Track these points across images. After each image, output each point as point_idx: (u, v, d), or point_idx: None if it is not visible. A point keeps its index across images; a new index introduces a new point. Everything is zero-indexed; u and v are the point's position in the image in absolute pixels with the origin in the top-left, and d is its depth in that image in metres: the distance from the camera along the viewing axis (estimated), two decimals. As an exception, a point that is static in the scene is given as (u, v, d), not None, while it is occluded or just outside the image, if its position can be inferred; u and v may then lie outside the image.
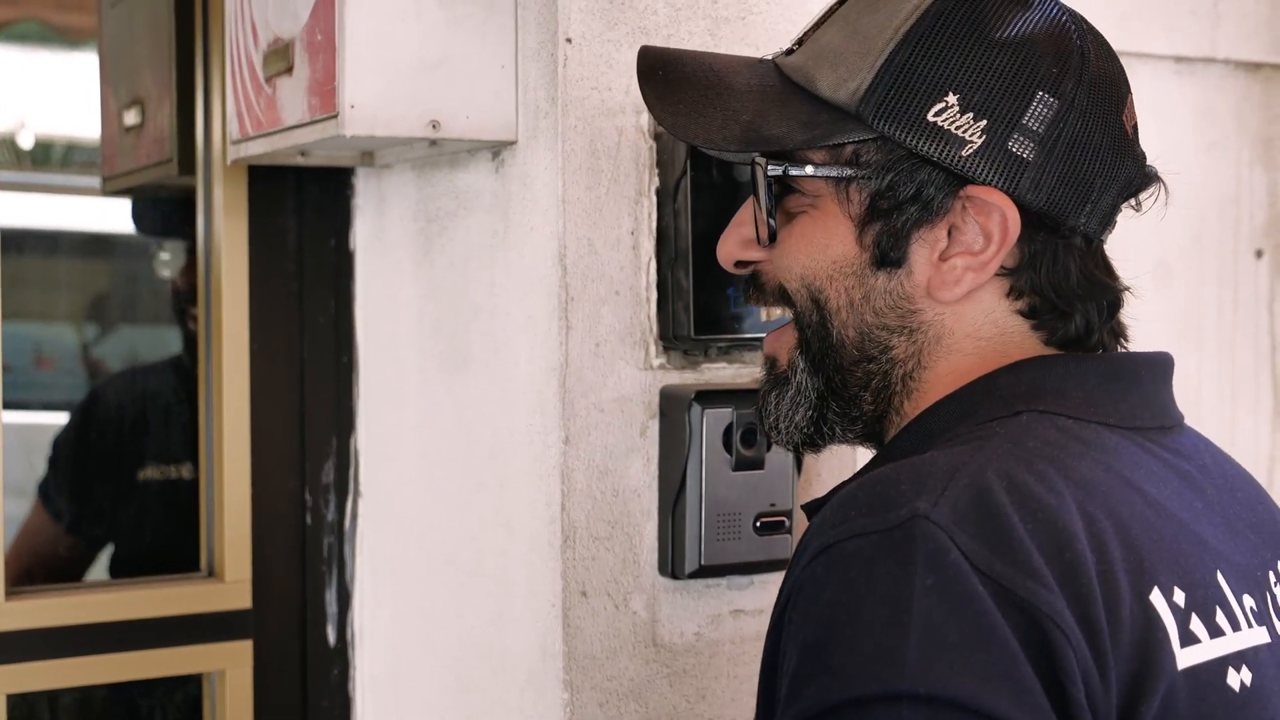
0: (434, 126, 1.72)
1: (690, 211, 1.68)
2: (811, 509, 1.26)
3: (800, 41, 1.31)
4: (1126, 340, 1.31)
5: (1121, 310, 1.29)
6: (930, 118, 1.21)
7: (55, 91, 2.96)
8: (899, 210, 1.23)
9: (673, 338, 1.72)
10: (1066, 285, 1.25)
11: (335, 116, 1.69)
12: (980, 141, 1.20)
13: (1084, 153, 1.23)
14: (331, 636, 2.21)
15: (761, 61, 1.34)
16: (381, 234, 2.13)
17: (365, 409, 2.20)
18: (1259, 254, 2.50)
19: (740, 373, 1.77)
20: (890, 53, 1.22)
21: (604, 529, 1.71)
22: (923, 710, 1.00)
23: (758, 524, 1.73)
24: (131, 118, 2.44)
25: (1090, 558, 1.09)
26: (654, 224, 1.72)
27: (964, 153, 1.20)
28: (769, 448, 1.72)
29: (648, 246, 1.72)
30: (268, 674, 2.17)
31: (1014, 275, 1.24)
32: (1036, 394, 1.22)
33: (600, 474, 1.71)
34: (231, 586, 2.14)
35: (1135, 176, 1.27)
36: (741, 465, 1.71)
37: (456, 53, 1.73)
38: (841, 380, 1.29)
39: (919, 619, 1.03)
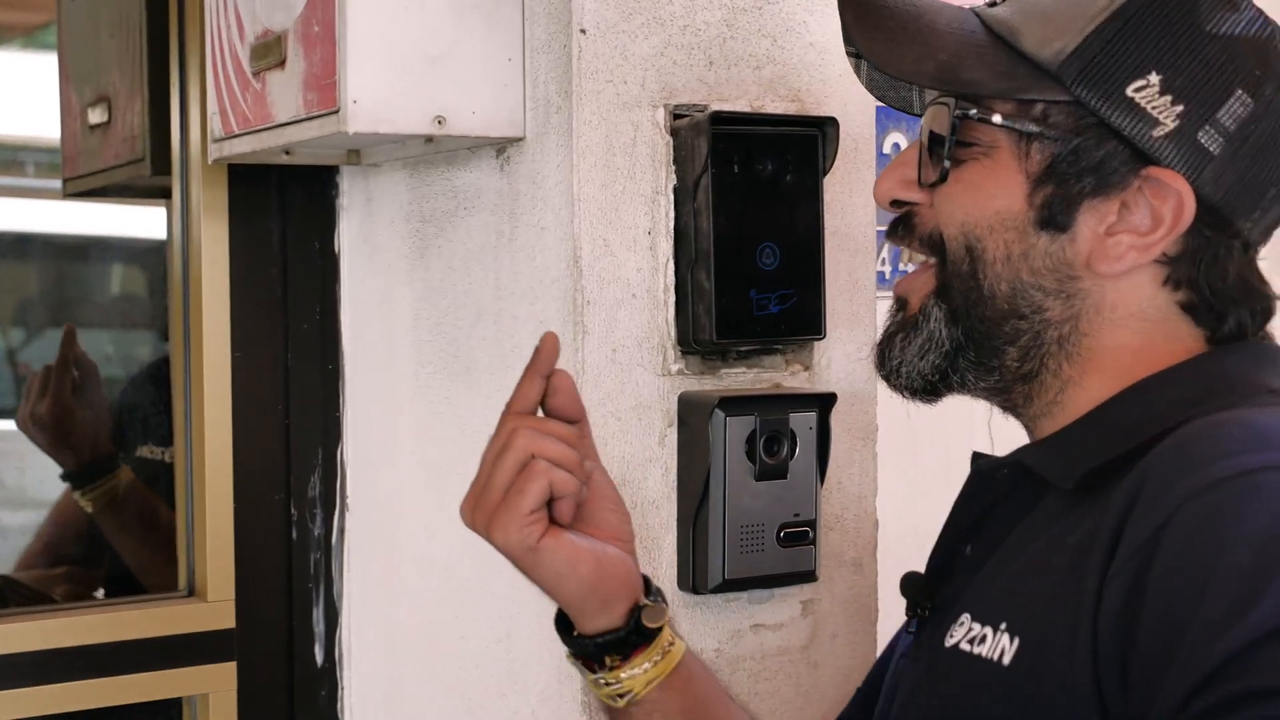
0: (439, 123, 1.64)
1: (711, 209, 1.61)
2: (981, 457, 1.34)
3: None
4: None
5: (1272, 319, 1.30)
6: (1129, 93, 1.22)
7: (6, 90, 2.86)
8: (1077, 177, 1.24)
9: (692, 342, 1.64)
10: (1223, 285, 1.25)
11: (336, 112, 1.61)
12: (1173, 126, 1.21)
13: (1267, 159, 1.24)
14: (319, 657, 2.11)
15: (963, 9, 1.32)
16: (369, 236, 2.04)
17: (353, 418, 2.11)
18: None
19: (761, 378, 1.70)
20: (1102, 22, 1.23)
21: (622, 543, 1.63)
22: None
23: (781, 535, 1.66)
24: (97, 116, 2.34)
25: None
26: (672, 223, 1.64)
27: (1155, 133, 1.21)
28: (792, 455, 1.65)
29: (665, 247, 1.64)
30: (253, 697, 2.08)
31: (1173, 265, 1.25)
32: (1274, 379, 1.24)
33: (619, 485, 1.61)
34: (214, 606, 2.04)
35: None
36: (765, 474, 1.64)
37: (462, 45, 1.65)
38: (985, 331, 1.28)
39: None
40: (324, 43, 1.63)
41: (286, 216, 2.08)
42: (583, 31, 1.60)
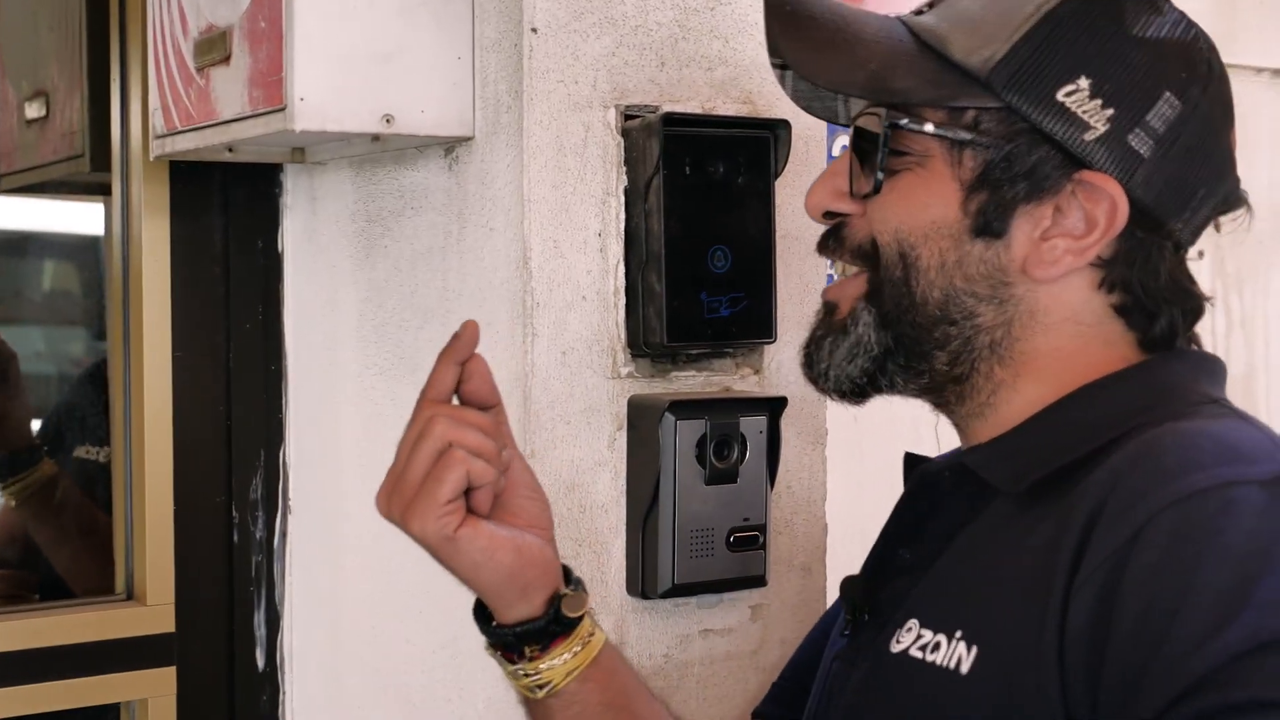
0: (388, 121, 1.62)
1: (663, 211, 1.60)
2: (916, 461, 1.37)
3: (932, 4, 1.32)
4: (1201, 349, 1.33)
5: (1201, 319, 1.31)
6: (1059, 97, 1.22)
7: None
8: (1011, 183, 1.24)
9: (643, 345, 1.63)
10: (1155, 287, 1.26)
11: (283, 110, 1.58)
12: (1104, 129, 1.22)
13: (1194, 161, 1.25)
14: (260, 661, 2.08)
15: (889, 17, 1.32)
16: (313, 235, 2.02)
17: (295, 420, 2.08)
18: (1200, 255, 2.48)
19: (711, 381, 1.69)
20: (1030, 29, 1.23)
21: (571, 547, 1.61)
22: None
23: (731, 539, 1.65)
24: (34, 110, 2.30)
25: None
26: (623, 225, 1.63)
27: (1086, 137, 1.22)
28: (742, 459, 1.64)
29: (616, 249, 1.63)
30: (192, 702, 2.04)
31: (1107, 268, 1.26)
32: (1211, 388, 1.26)
33: (567, 489, 1.61)
34: (153, 610, 2.01)
35: (1231, 195, 1.30)
36: (715, 478, 1.63)
37: (410, 43, 1.63)
38: (915, 337, 1.28)
39: None
40: (270, 39, 1.60)
41: (229, 215, 2.05)
42: (534, 30, 1.58)
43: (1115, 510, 1.10)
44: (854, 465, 2.14)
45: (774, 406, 1.67)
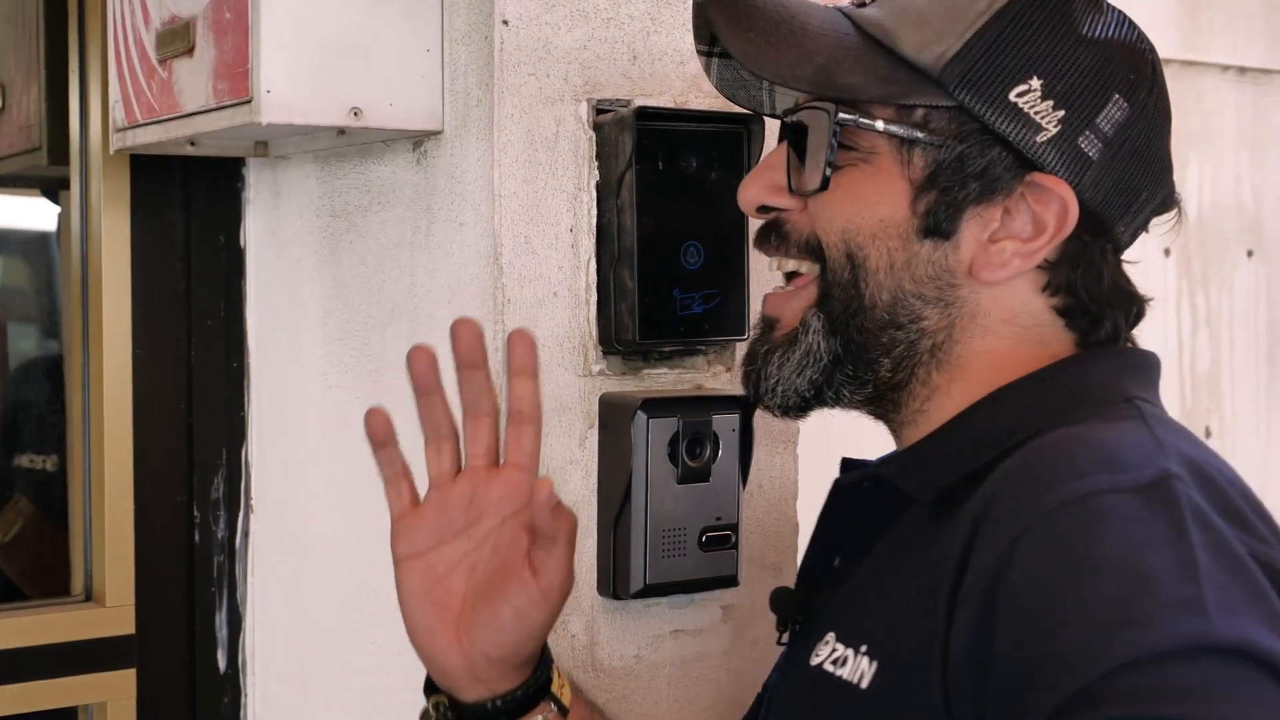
0: (355, 114, 1.59)
1: (636, 207, 1.57)
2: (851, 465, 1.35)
3: None
4: None
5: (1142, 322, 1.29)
6: (1012, 98, 1.19)
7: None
8: (962, 184, 1.21)
9: (614, 342, 1.61)
10: (1099, 289, 1.24)
11: (249, 102, 1.55)
12: (1055, 131, 1.20)
13: (1140, 164, 1.24)
14: (222, 662, 2.05)
15: (831, 9, 1.29)
16: (277, 230, 1.99)
17: (258, 418, 2.05)
18: (1165, 252, 2.48)
19: (682, 379, 1.67)
20: (983, 25, 1.20)
21: (542, 547, 1.59)
22: (1228, 662, 0.97)
23: (703, 539, 1.63)
24: (-11, 103, 2.26)
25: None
26: (594, 220, 1.61)
27: (1038, 139, 1.20)
28: (715, 458, 1.62)
29: (587, 244, 1.61)
30: (152, 704, 2.01)
31: (1052, 271, 1.23)
32: (1134, 386, 1.23)
33: (538, 488, 1.59)
34: (113, 611, 1.98)
35: (1168, 197, 1.29)
36: (687, 477, 1.61)
37: (379, 35, 1.60)
38: (863, 343, 1.25)
39: (1205, 572, 1.00)
40: (236, 30, 1.58)
41: (191, 210, 2.02)
42: (505, 23, 1.56)
43: (991, 525, 1.08)
44: (821, 467, 2.13)
45: (746, 404, 1.64)
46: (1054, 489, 1.06)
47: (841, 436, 2.16)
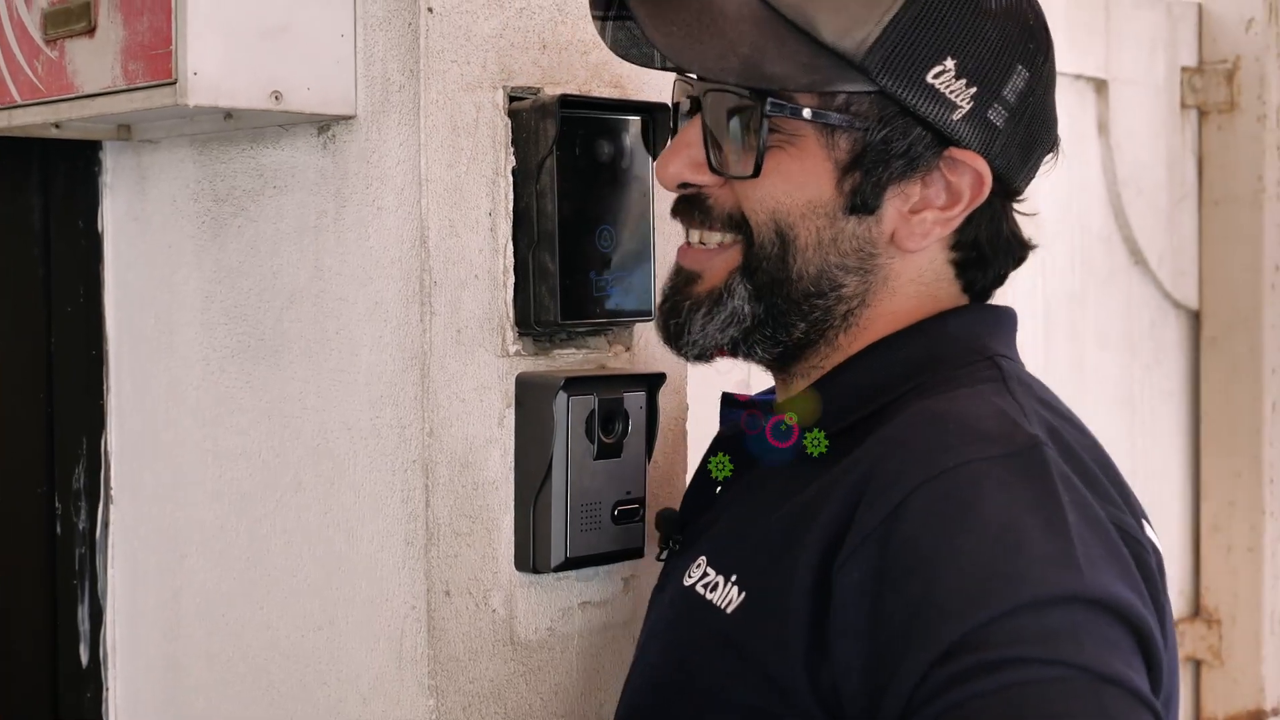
0: (276, 98, 1.59)
1: (556, 192, 1.62)
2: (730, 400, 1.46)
3: None
4: None
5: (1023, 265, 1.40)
6: (929, 79, 1.26)
7: None
8: (885, 164, 1.28)
9: (534, 323, 1.65)
10: (996, 241, 1.35)
11: (172, 84, 1.53)
12: (968, 108, 1.27)
13: (1037, 123, 1.33)
14: (84, 657, 2.00)
15: None
16: (141, 215, 1.95)
17: (118, 406, 2.01)
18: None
19: (589, 359, 1.72)
20: (898, 10, 1.25)
21: (466, 524, 1.62)
22: (1094, 611, 1.08)
23: (615, 513, 1.69)
24: None
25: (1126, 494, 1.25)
26: (511, 205, 1.64)
27: (954, 116, 1.27)
28: (625, 434, 1.68)
29: (505, 228, 1.64)
30: (11, 700, 1.96)
31: (960, 231, 1.33)
32: (994, 341, 1.33)
33: (462, 467, 1.62)
34: (-28, 608, 1.92)
35: (1055, 142, 1.38)
36: (602, 453, 1.66)
37: (298, 18, 1.60)
38: (785, 309, 1.33)
39: (1074, 530, 1.11)
40: (153, 10, 1.55)
41: (49, 194, 1.96)
42: (430, 10, 1.58)
43: (875, 490, 1.17)
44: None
45: (653, 382, 1.71)
46: (932, 458, 1.17)
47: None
